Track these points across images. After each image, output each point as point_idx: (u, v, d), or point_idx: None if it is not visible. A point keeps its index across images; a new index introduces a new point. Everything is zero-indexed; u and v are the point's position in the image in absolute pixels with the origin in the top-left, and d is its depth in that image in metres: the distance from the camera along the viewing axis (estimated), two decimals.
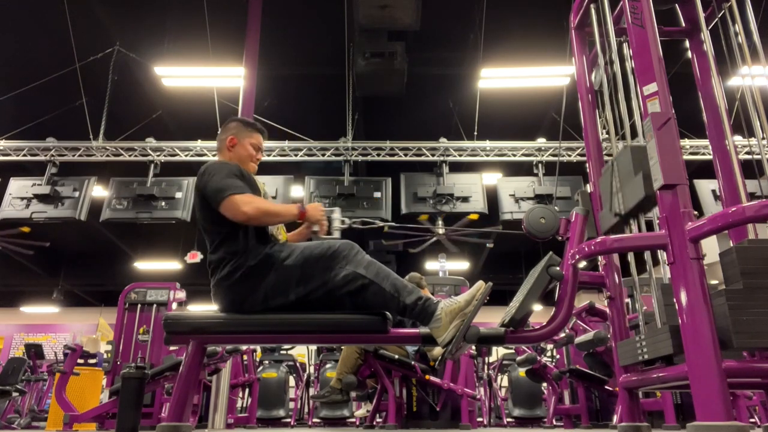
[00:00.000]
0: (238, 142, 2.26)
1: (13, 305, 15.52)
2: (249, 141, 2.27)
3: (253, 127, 2.31)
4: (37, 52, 7.55)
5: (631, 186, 1.85)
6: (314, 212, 2.12)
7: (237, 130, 2.28)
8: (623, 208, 1.90)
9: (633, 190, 1.84)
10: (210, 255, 2.04)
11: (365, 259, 1.95)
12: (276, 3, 7.05)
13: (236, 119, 2.35)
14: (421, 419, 4.49)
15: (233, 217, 1.95)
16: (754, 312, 1.57)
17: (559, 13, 6.61)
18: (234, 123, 2.32)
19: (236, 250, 1.97)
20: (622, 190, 1.92)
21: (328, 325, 1.95)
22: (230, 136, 2.26)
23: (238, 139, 2.26)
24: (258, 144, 2.30)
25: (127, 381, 2.42)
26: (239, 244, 1.98)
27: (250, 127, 2.31)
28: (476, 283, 1.94)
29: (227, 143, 2.26)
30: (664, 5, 2.43)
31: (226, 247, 1.99)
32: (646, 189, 1.76)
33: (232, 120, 2.35)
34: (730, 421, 1.47)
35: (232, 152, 2.25)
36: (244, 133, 2.28)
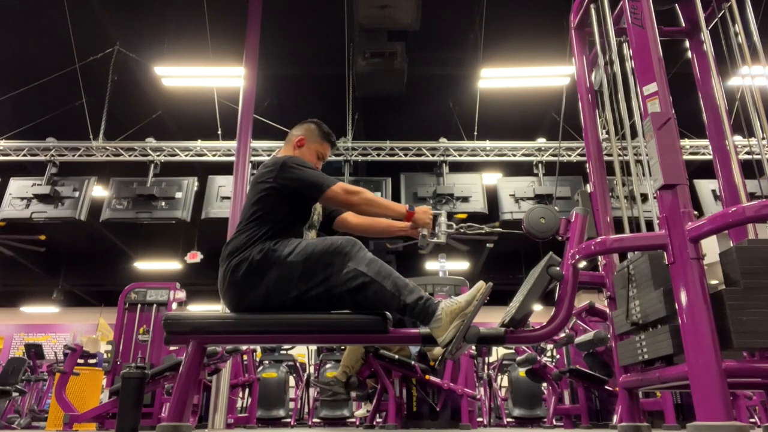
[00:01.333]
0: (306, 145, 2.29)
1: (13, 305, 15.52)
2: (317, 148, 2.30)
3: (327, 138, 2.34)
4: (37, 52, 7.55)
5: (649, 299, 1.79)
6: (424, 215, 2.13)
7: (310, 133, 2.31)
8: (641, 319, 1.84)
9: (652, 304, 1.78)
10: (234, 235, 2.04)
11: (367, 257, 1.95)
12: (276, 3, 7.05)
13: (316, 122, 2.36)
14: (421, 419, 4.49)
15: (339, 203, 2.03)
16: (754, 312, 1.57)
17: (559, 13, 6.60)
18: (312, 125, 2.34)
19: (251, 238, 1.98)
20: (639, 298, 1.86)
21: (328, 325, 1.95)
22: (301, 136, 2.30)
23: (308, 141, 2.29)
24: (324, 154, 2.33)
25: (127, 381, 2.42)
26: (258, 234, 1.99)
27: (324, 135, 2.33)
28: (476, 283, 1.94)
29: (296, 141, 2.29)
30: (664, 5, 2.43)
31: (250, 232, 2.00)
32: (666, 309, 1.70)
33: (312, 121, 2.36)
34: (730, 421, 1.47)
35: (298, 152, 2.28)
36: (315, 139, 2.31)
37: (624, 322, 1.96)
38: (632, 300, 1.92)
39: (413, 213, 2.11)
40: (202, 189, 7.54)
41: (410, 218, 2.11)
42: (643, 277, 1.86)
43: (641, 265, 1.87)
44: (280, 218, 2.05)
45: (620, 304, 2.02)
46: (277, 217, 2.04)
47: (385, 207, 2.07)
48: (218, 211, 7.33)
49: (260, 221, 2.03)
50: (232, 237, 2.06)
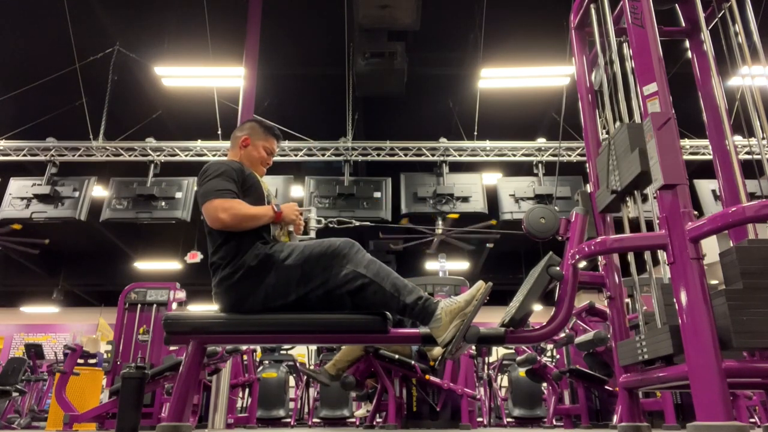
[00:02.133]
0: (251, 143, 2.27)
1: (13, 305, 15.52)
2: (263, 144, 2.29)
3: (270, 132, 2.32)
4: (37, 52, 7.55)
5: (627, 162, 1.87)
6: (289, 212, 2.12)
7: (252, 131, 2.29)
8: (620, 184, 1.92)
9: (629, 166, 1.85)
10: (211, 256, 2.04)
11: (366, 258, 1.94)
12: (276, 3, 7.05)
13: (255, 120, 2.36)
14: (421, 419, 4.49)
15: (211, 223, 1.99)
16: (754, 312, 1.57)
17: (559, 13, 6.61)
18: (251, 123, 2.33)
19: (237, 251, 1.98)
20: (619, 167, 1.93)
21: (328, 325, 1.95)
22: (245, 136, 2.28)
23: (252, 140, 2.28)
24: (271, 148, 2.32)
25: (127, 381, 2.42)
26: (240, 245, 1.98)
27: (266, 130, 2.32)
28: (476, 283, 1.94)
29: (241, 142, 2.28)
30: (664, 5, 2.43)
31: (227, 247, 2.00)
32: (642, 165, 1.77)
33: (250, 120, 2.36)
34: (730, 421, 1.47)
35: (243, 152, 2.27)
36: (259, 135, 2.29)
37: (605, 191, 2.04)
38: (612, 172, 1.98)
39: (281, 213, 2.10)
40: None
41: (279, 218, 2.10)
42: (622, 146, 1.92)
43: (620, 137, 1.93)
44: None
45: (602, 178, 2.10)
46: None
47: (258, 217, 2.02)
48: None
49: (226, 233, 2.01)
50: (212, 248, 2.04)
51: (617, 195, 1.96)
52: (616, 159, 1.96)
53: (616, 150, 1.97)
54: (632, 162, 1.82)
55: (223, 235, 2.02)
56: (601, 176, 2.11)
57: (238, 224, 1.97)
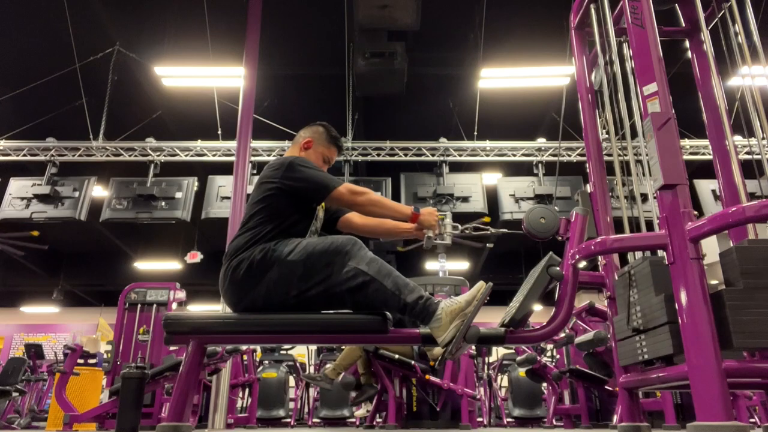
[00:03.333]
0: (313, 147, 2.29)
1: (13, 305, 15.51)
2: (323, 151, 2.31)
3: (334, 142, 2.34)
4: (37, 52, 7.55)
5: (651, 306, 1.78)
6: (429, 217, 2.13)
7: (318, 135, 2.31)
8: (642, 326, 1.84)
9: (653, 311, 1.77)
10: (238, 233, 2.04)
11: (367, 256, 1.94)
12: (276, 3, 7.05)
13: (325, 126, 2.36)
14: (421, 419, 4.49)
15: (348, 203, 2.03)
16: (754, 312, 1.57)
17: (559, 13, 6.61)
18: (320, 128, 2.34)
19: (255, 240, 1.98)
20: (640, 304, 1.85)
21: (328, 325, 1.95)
22: (309, 138, 2.30)
23: (315, 144, 2.30)
24: (330, 158, 2.34)
25: (127, 381, 2.43)
26: (259, 236, 1.99)
27: (331, 139, 2.33)
28: (477, 283, 1.94)
29: (303, 143, 2.30)
30: (664, 5, 2.43)
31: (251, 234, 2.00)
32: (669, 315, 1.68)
33: (320, 124, 2.36)
34: (730, 421, 1.47)
35: (304, 153, 2.28)
36: (322, 142, 2.31)
37: (625, 327, 1.95)
38: (633, 306, 1.91)
39: (419, 214, 2.11)
40: (202, 189, 7.55)
41: (416, 220, 2.12)
42: (644, 282, 1.85)
43: (642, 270, 1.86)
44: (283, 218, 2.04)
45: (621, 309, 2.01)
46: (280, 218, 2.04)
47: (391, 208, 2.07)
48: (218, 211, 7.33)
49: (263, 221, 2.03)
50: (235, 235, 2.06)
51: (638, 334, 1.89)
52: (638, 294, 1.87)
53: (637, 282, 1.88)
54: (657, 308, 1.74)
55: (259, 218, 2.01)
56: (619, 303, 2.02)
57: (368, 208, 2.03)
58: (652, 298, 1.78)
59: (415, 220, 2.12)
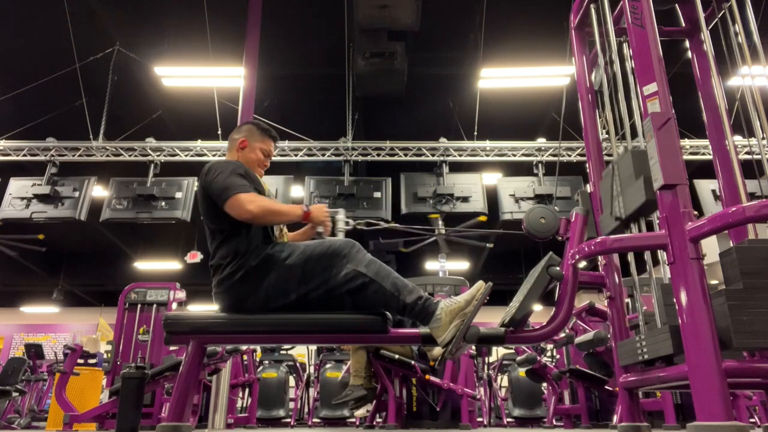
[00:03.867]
0: (249, 145, 2.28)
1: (13, 305, 15.51)
2: (260, 146, 2.29)
3: (267, 133, 2.33)
4: (37, 52, 7.55)
5: (631, 190, 1.86)
6: (318, 213, 2.12)
7: (250, 133, 2.30)
8: (624, 211, 1.90)
9: (634, 194, 1.84)
10: (212, 256, 2.04)
11: (366, 258, 1.95)
12: (276, 3, 7.05)
13: (252, 122, 2.36)
14: (421, 419, 4.49)
15: (238, 215, 1.96)
16: (754, 312, 1.57)
17: (559, 13, 6.60)
18: (248, 125, 2.33)
19: (237, 250, 1.98)
20: (623, 194, 1.92)
21: (328, 325, 1.95)
22: (242, 138, 2.28)
23: (249, 142, 2.28)
24: (268, 150, 2.32)
25: (127, 381, 2.43)
26: (241, 244, 1.99)
27: (263, 132, 2.32)
28: (476, 283, 1.94)
29: (238, 144, 2.28)
30: (664, 5, 2.43)
31: (228, 246, 2.00)
32: (647, 193, 1.76)
33: (247, 122, 2.37)
34: (730, 421, 1.47)
35: (241, 154, 2.27)
36: (256, 137, 2.29)
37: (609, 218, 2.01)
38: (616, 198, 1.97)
39: (309, 212, 2.10)
40: None
41: (306, 218, 2.10)
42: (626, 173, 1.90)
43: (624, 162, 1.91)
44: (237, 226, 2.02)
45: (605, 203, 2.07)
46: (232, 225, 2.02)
47: (282, 212, 2.02)
48: None
49: (222, 233, 2.02)
50: (212, 249, 2.05)
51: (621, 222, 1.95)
52: (620, 185, 1.94)
53: (620, 175, 1.95)
54: (637, 190, 1.81)
55: (225, 232, 2.02)
56: (604, 201, 2.09)
57: (263, 217, 1.97)
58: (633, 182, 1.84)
59: (306, 219, 2.11)
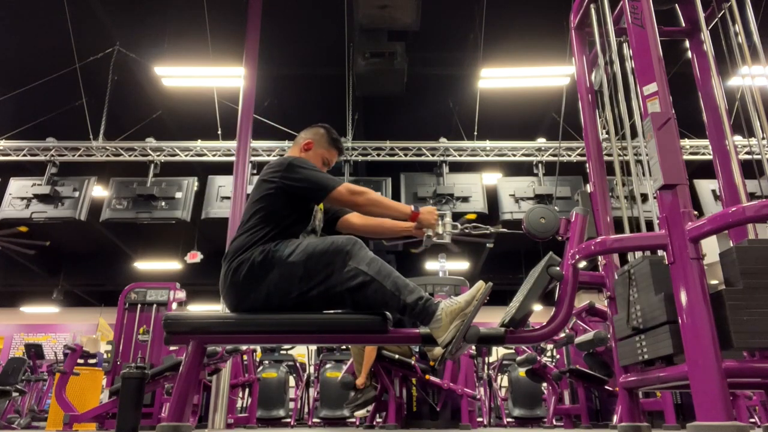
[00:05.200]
0: (314, 149, 2.29)
1: (13, 305, 15.51)
2: (323, 154, 2.31)
3: (335, 145, 2.34)
4: (37, 52, 7.55)
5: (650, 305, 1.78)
6: (429, 216, 2.13)
7: (318, 138, 2.31)
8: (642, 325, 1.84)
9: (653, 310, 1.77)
10: (238, 234, 2.04)
11: (368, 256, 1.94)
12: (276, 3, 7.05)
13: (327, 128, 2.36)
14: (421, 419, 4.49)
15: (346, 203, 2.03)
16: (754, 312, 1.57)
17: (559, 13, 6.60)
18: (321, 130, 2.34)
19: (254, 242, 1.98)
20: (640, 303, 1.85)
21: (328, 325, 1.95)
22: (310, 140, 2.30)
23: (315, 146, 2.30)
24: (330, 160, 2.34)
25: (127, 381, 2.42)
26: (259, 237, 1.99)
27: (332, 142, 2.33)
28: (476, 283, 1.94)
29: (303, 144, 2.30)
30: (664, 5, 2.43)
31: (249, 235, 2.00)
32: (668, 315, 1.68)
33: (322, 126, 2.37)
34: (730, 421, 1.47)
35: (303, 154, 2.28)
36: (323, 144, 2.31)
37: (625, 326, 1.95)
38: (633, 305, 1.91)
39: (418, 213, 2.11)
40: (202, 189, 7.54)
41: (415, 219, 2.11)
42: (643, 281, 1.85)
43: (642, 269, 1.87)
44: (281, 219, 2.05)
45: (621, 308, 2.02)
46: (279, 218, 2.04)
47: (390, 208, 2.07)
48: (218, 211, 7.33)
49: (262, 221, 2.03)
50: (235, 236, 2.06)
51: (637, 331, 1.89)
52: (638, 293, 1.88)
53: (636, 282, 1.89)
54: (656, 308, 1.74)
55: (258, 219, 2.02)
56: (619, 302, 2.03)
57: (370, 207, 2.03)
58: (652, 297, 1.78)
59: (415, 219, 2.12)
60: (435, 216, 2.14)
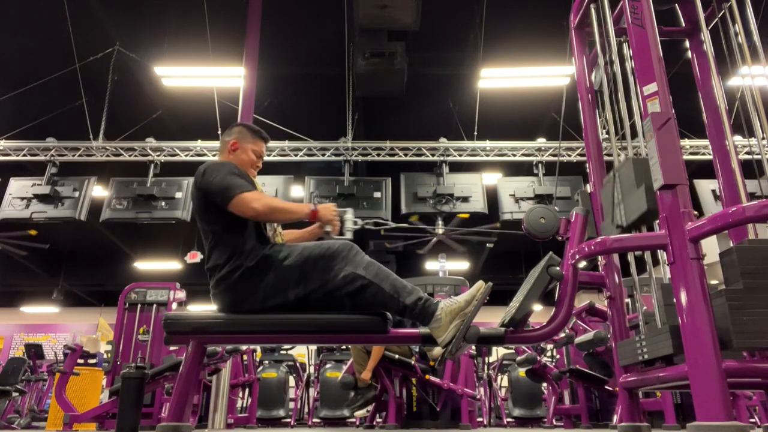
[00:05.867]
0: (240, 147, 2.27)
1: (13, 305, 15.51)
2: (251, 147, 2.28)
3: (258, 135, 2.32)
4: (37, 52, 7.55)
5: (633, 198, 1.85)
6: (327, 212, 2.11)
7: (241, 135, 2.29)
8: (625, 220, 1.89)
9: (635, 202, 1.83)
10: (208, 259, 2.03)
11: (364, 260, 1.95)
12: (276, 3, 7.05)
13: (242, 124, 2.35)
14: (421, 419, 4.49)
15: (243, 213, 1.96)
16: (754, 312, 1.57)
17: (559, 13, 6.60)
18: (239, 128, 2.33)
19: (234, 251, 1.97)
20: (624, 202, 1.91)
21: (328, 325, 1.95)
22: (233, 140, 2.27)
23: (241, 144, 2.27)
24: (260, 151, 2.31)
25: (127, 381, 2.43)
26: (237, 245, 1.98)
27: (254, 133, 2.31)
28: (476, 283, 1.94)
29: (229, 146, 2.27)
30: (664, 5, 2.43)
31: (223, 247, 1.99)
32: (648, 202, 1.75)
33: (237, 124, 2.36)
34: (730, 421, 1.47)
35: (233, 156, 2.26)
36: (247, 139, 2.29)
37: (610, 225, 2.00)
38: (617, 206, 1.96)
39: (317, 211, 2.08)
40: None
41: (314, 217, 2.09)
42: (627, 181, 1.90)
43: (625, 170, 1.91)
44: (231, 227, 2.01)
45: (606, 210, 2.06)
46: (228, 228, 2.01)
47: (290, 211, 2.01)
48: None
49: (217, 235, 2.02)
50: (207, 252, 2.04)
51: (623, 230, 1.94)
52: (621, 193, 1.93)
53: (621, 184, 1.95)
54: (638, 198, 1.81)
55: (218, 235, 2.01)
56: (605, 209, 2.08)
57: (269, 215, 1.98)
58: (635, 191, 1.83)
59: (314, 217, 2.09)
60: (333, 212, 2.12)
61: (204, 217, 2.06)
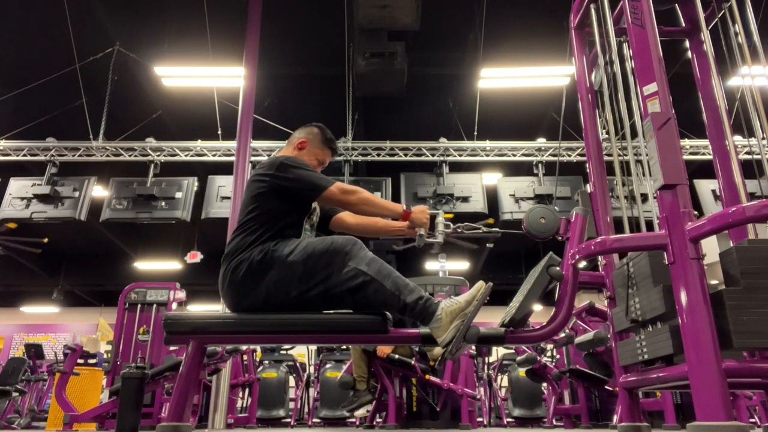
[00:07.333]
0: (307, 149, 2.29)
1: (13, 305, 15.51)
2: (317, 153, 2.31)
3: (328, 144, 2.33)
4: (37, 52, 7.54)
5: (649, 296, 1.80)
6: (421, 215, 2.12)
7: (312, 137, 2.31)
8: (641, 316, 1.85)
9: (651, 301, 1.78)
10: (231, 238, 2.05)
11: (367, 256, 1.94)
12: (276, 3, 7.05)
13: (321, 127, 2.36)
14: (421, 419, 4.49)
15: (336, 203, 2.04)
16: (754, 312, 1.57)
17: (559, 13, 6.61)
18: (316, 129, 2.34)
19: (251, 242, 1.98)
20: (639, 296, 1.87)
21: (328, 325, 1.95)
22: (303, 139, 2.30)
23: (309, 145, 2.30)
24: (324, 160, 2.34)
25: (127, 381, 2.42)
26: (263, 232, 1.99)
27: (326, 142, 2.33)
28: (476, 283, 1.94)
29: (297, 143, 2.30)
30: (664, 5, 2.43)
31: (245, 236, 2.00)
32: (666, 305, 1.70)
33: (316, 125, 2.36)
34: (730, 421, 1.47)
35: (297, 152, 2.28)
36: (316, 144, 2.31)
37: (624, 319, 1.96)
38: (632, 297, 1.92)
39: (410, 213, 2.10)
40: (202, 189, 7.54)
41: (407, 218, 2.11)
42: (642, 275, 1.86)
43: (641, 263, 1.87)
44: (277, 218, 2.05)
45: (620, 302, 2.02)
46: (274, 217, 2.04)
47: (382, 207, 2.07)
48: (218, 211, 7.33)
49: (258, 221, 2.03)
50: (231, 237, 2.07)
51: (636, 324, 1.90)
52: (637, 285, 1.89)
53: (635, 275, 1.90)
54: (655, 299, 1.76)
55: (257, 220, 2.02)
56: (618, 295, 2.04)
57: (360, 207, 2.04)
58: (651, 290, 1.79)
59: (407, 218, 2.11)
60: (427, 215, 2.13)
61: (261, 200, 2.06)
